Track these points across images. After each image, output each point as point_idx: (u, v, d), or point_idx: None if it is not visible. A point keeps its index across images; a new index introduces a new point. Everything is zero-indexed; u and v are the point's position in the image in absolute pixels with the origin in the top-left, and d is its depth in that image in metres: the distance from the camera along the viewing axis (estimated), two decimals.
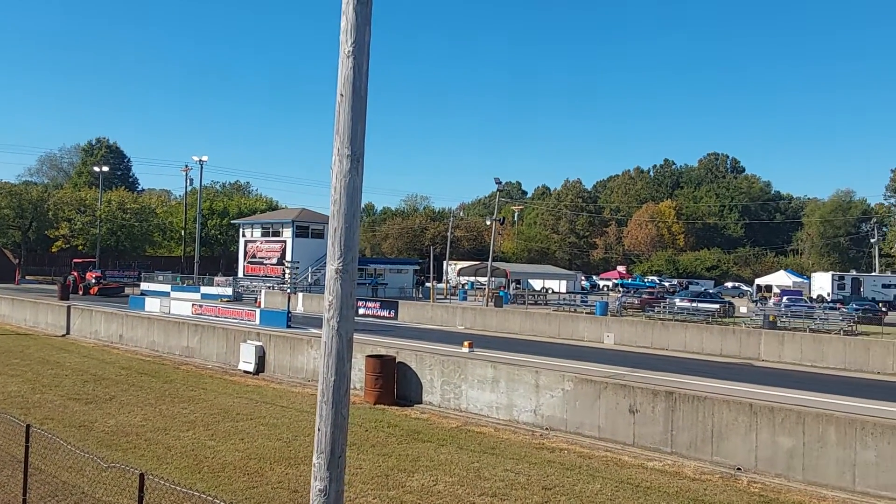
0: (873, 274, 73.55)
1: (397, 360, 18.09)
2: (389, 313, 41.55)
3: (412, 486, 11.16)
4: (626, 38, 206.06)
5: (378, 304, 43.27)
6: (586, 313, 42.51)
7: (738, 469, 12.77)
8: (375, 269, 66.51)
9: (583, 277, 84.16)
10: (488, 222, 58.22)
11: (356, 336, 5.62)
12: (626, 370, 23.15)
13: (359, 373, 18.60)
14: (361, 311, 42.82)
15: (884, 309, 49.00)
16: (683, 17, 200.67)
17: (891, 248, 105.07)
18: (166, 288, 57.10)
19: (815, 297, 61.25)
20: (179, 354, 24.77)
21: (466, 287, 66.97)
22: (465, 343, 26.69)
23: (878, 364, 25.38)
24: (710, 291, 64.04)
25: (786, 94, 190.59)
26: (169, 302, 41.38)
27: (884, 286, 63.27)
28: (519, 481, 11.60)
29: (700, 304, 44.57)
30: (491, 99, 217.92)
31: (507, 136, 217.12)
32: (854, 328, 37.27)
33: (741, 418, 13.03)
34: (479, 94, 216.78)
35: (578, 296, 56.86)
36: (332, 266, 4.88)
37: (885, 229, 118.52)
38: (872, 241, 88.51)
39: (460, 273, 69.90)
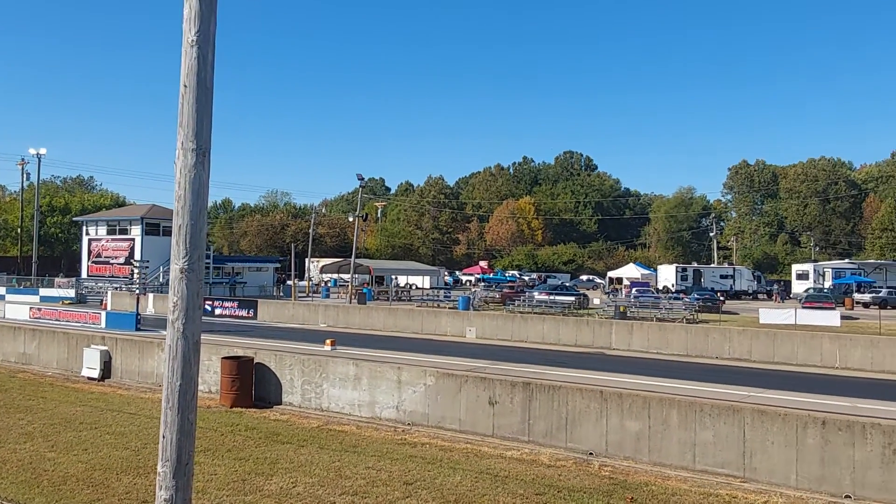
0: (712, 265, 79.03)
1: (255, 361, 17.57)
2: (248, 313, 40.38)
3: (270, 490, 10.87)
4: (488, 41, 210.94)
5: (236, 304, 41.95)
6: (449, 308, 43.10)
7: (591, 454, 13.34)
8: (233, 268, 64.40)
9: (446, 273, 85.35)
10: (351, 219, 57.83)
11: (212, 337, 5.38)
12: (488, 363, 23.64)
13: (214, 375, 17.93)
14: (218, 311, 41.35)
15: (722, 298, 52.82)
16: (538, 21, 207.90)
17: (728, 242, 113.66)
18: (0, 291, 52.74)
19: (661, 288, 64.99)
20: (15, 361, 22.94)
21: (329, 284, 66.20)
22: (328, 341, 26.35)
23: (716, 350, 27.31)
24: (567, 284, 66.72)
25: (633, 95, 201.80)
26: (3, 305, 38.24)
27: (721, 277, 68.17)
28: (381, 478, 11.56)
29: (557, 297, 46.27)
30: (354, 95, 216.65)
31: (369, 132, 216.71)
32: (695, 317, 39.91)
33: (593, 405, 13.61)
34: (342, 90, 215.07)
35: (442, 291, 57.56)
36: (176, 265, 4.63)
37: (722, 224, 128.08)
38: (711, 234, 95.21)
39: (323, 270, 69.01)
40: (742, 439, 12.02)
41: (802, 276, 69.53)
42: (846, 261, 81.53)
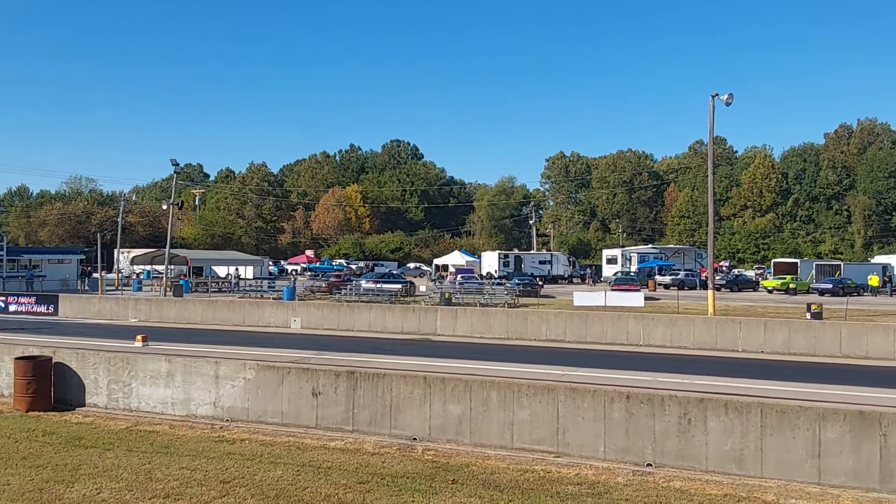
0: (532, 252, 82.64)
1: (55, 361, 16.07)
2: (48, 308, 37.06)
3: (71, 498, 9.95)
4: (311, 28, 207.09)
5: (34, 299, 38.35)
6: (273, 299, 41.94)
7: (415, 439, 13.40)
8: (31, 260, 58.76)
9: (270, 262, 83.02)
10: (165, 207, 54.57)
11: (4, 336, 4.68)
12: (313, 354, 23.20)
13: (7, 378, 16.26)
14: (13, 307, 37.65)
15: (540, 283, 55.40)
16: (364, 9, 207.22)
17: (546, 229, 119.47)
18: None
19: (485, 274, 67.07)
20: None
21: (142, 277, 62.28)
22: (139, 337, 24.70)
23: (535, 332, 28.52)
24: (395, 272, 67.10)
25: (457, 86, 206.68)
26: None
27: (540, 262, 71.48)
28: (195, 478, 10.94)
29: (384, 285, 46.40)
30: (169, 73, 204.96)
31: (185, 114, 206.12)
32: (516, 301, 41.55)
33: (417, 391, 13.67)
34: (156, 67, 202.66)
35: (265, 281, 55.91)
36: None
37: (541, 212, 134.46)
38: (531, 222, 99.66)
39: (134, 262, 64.71)
40: (556, 416, 12.54)
41: (612, 261, 74.50)
42: (649, 246, 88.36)
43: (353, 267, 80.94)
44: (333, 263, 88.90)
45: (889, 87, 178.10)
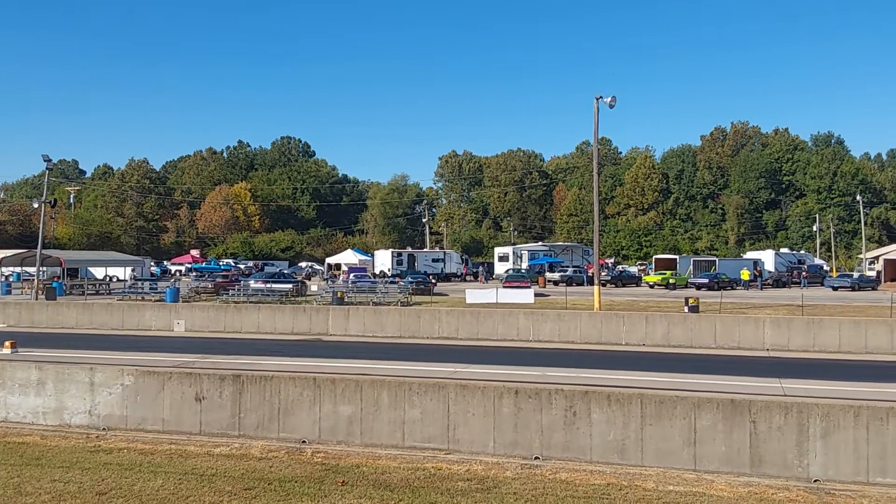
0: (425, 250, 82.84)
1: None
2: None
3: None
4: (201, 21, 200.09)
5: None
6: (155, 301, 40.21)
7: (304, 442, 13.16)
8: None
9: (152, 263, 79.61)
10: (37, 205, 51.35)
11: None
12: (197, 357, 22.38)
13: None
14: None
15: (434, 281, 55.65)
16: (251, 9, 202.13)
17: (439, 227, 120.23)
18: None
19: (378, 273, 66.71)
20: None
21: (11, 279, 58.36)
22: (7, 343, 23.12)
23: (427, 330, 28.61)
24: (286, 272, 65.71)
25: (348, 84, 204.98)
26: None
27: (434, 260, 71.78)
28: (69, 490, 10.35)
29: (274, 285, 45.36)
30: (39, 68, 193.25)
31: (58, 110, 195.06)
32: (409, 299, 41.53)
33: (306, 393, 13.43)
34: (24, 62, 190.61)
35: (147, 283, 53.51)
36: None
37: (434, 210, 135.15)
38: (424, 220, 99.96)
39: (3, 263, 60.51)
40: (447, 414, 12.61)
41: (503, 258, 75.71)
42: (540, 244, 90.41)
43: (242, 267, 78.62)
44: (221, 263, 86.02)
45: (759, 91, 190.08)
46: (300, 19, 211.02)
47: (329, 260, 78.56)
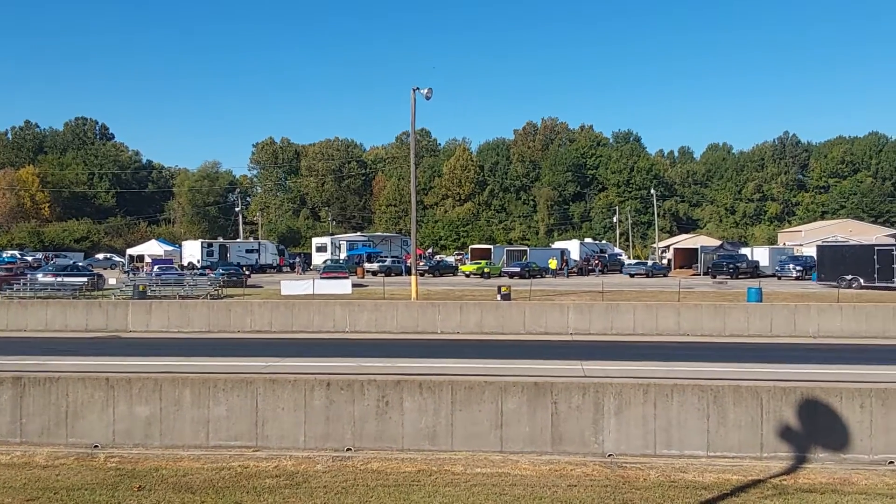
0: (239, 241, 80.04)
1: None
2: None
3: None
4: None
5: None
6: None
7: (96, 447, 12.13)
8: None
9: None
10: None
11: None
12: None
13: None
14: None
15: (247, 273, 53.79)
16: None
17: (254, 217, 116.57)
18: None
19: (186, 264, 63.48)
20: None
21: None
22: None
23: (238, 323, 27.46)
24: (80, 264, 60.73)
25: (152, 62, 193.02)
26: None
27: (247, 251, 69.42)
28: None
29: (66, 279, 41.74)
30: None
31: None
32: (220, 292, 39.84)
33: (98, 394, 12.38)
34: None
35: None
36: None
37: (248, 199, 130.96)
38: (237, 209, 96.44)
39: None
40: (255, 409, 12.11)
41: (321, 249, 74.82)
42: (358, 234, 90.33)
43: (29, 259, 71.63)
44: (5, 255, 77.93)
45: (566, 89, 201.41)
46: None
47: (131, 251, 73.38)
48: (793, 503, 9.43)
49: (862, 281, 44.01)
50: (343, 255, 71.09)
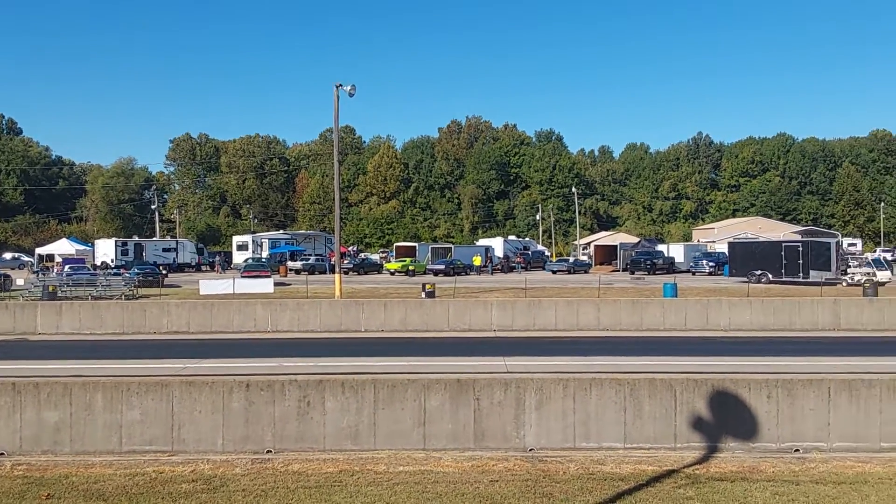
0: (155, 239, 77.53)
1: None
2: None
3: None
4: None
5: None
6: None
7: (2, 454, 11.63)
8: None
9: None
10: None
11: None
12: None
13: None
14: None
15: (164, 272, 52.15)
16: None
17: (171, 214, 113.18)
18: None
19: (100, 264, 61.16)
20: None
21: None
22: None
23: (154, 324, 26.61)
24: None
25: (64, 57, 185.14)
26: None
27: (164, 250, 67.30)
28: None
29: None
30: None
31: None
32: (135, 292, 38.53)
33: (3, 399, 11.86)
34: None
35: None
36: None
37: (165, 196, 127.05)
38: (154, 207, 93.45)
39: None
40: (171, 413, 11.79)
41: (243, 247, 73.24)
42: (281, 231, 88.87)
43: None
44: None
45: (491, 88, 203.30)
46: None
47: (40, 251, 70.15)
48: (705, 492, 9.77)
49: (770, 276, 45.98)
50: (265, 254, 69.81)
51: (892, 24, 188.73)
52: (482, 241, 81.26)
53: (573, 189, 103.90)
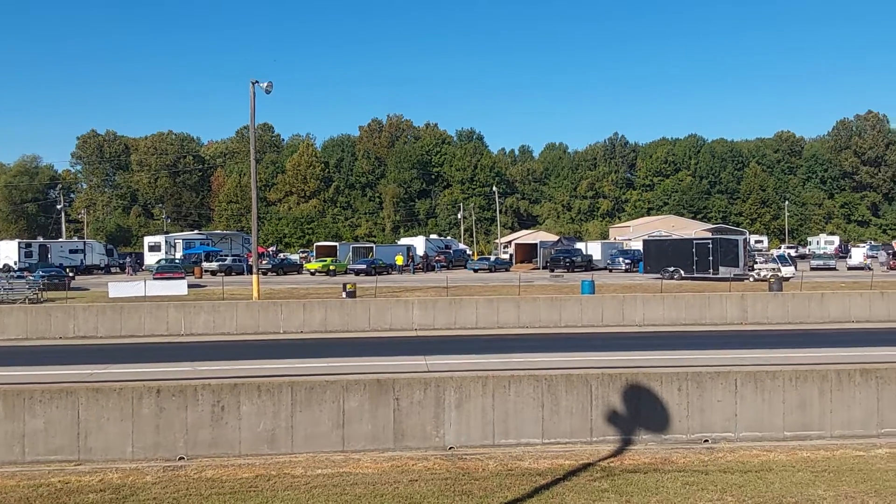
0: (61, 240, 74.29)
1: None
2: None
3: None
4: None
5: None
6: None
7: None
8: None
9: None
10: None
11: None
12: None
13: None
14: None
15: (72, 274, 50.00)
16: None
17: (79, 214, 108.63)
18: None
19: (1, 266, 58.28)
20: None
21: None
22: None
23: (61, 329, 25.54)
24: None
25: None
26: None
27: (71, 251, 64.50)
28: None
29: None
30: None
31: None
32: (40, 296, 36.82)
33: None
34: None
35: None
36: None
37: (73, 195, 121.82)
38: (60, 207, 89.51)
39: None
40: (77, 421, 11.31)
41: (155, 248, 70.89)
42: (196, 232, 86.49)
43: None
44: None
45: (411, 86, 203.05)
46: None
47: None
48: (619, 484, 10.00)
49: (682, 272, 47.57)
50: (179, 255, 67.79)
51: (794, 31, 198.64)
52: (404, 241, 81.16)
53: (494, 188, 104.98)
